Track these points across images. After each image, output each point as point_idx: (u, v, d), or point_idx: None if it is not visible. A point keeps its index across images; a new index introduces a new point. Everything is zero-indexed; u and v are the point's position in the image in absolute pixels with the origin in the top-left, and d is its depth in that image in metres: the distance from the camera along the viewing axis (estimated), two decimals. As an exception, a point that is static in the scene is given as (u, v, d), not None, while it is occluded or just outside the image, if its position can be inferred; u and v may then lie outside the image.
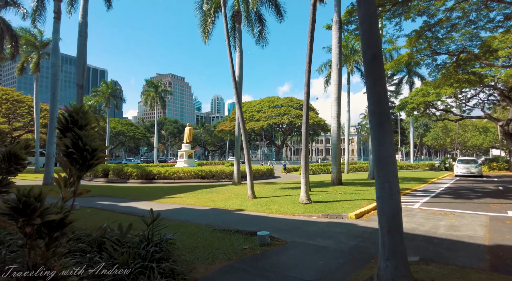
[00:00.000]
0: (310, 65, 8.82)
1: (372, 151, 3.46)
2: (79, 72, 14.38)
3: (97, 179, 23.99)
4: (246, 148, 10.60)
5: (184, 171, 22.98)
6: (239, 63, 17.47)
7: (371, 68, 3.34)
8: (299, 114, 67.15)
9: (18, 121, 35.90)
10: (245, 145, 10.65)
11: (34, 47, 33.23)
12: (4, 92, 37.02)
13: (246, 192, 11.13)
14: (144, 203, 10.87)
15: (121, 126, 66.99)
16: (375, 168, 3.36)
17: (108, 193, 13.70)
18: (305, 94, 8.86)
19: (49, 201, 1.95)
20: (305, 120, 8.93)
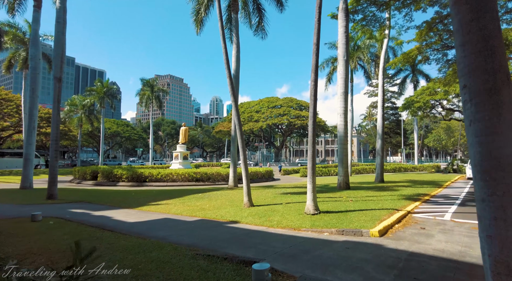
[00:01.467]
0: (318, 46, 7.31)
1: (473, 144, 1.88)
2: (57, 64, 12.84)
3: (85, 182, 22.47)
4: (242, 149, 9.08)
5: (177, 173, 21.49)
6: (235, 56, 15.98)
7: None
8: (299, 114, 65.68)
9: (5, 120, 34.26)
10: (240, 146, 9.13)
11: (22, 43, 31.60)
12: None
13: (242, 198, 9.60)
14: (124, 211, 9.32)
15: (116, 126, 65.33)
16: (477, 178, 1.85)
17: (88, 199, 12.17)
18: (312, 82, 7.35)
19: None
20: (312, 113, 7.41)
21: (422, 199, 10.18)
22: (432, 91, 28.26)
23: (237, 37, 15.85)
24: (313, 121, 7.42)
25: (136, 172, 21.33)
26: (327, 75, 31.31)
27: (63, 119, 42.06)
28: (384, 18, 17.65)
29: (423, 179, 20.55)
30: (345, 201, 9.74)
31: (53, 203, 11.10)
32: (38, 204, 10.86)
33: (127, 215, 8.63)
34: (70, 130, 42.69)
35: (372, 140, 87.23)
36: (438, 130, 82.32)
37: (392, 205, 8.76)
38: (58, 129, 12.79)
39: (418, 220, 7.08)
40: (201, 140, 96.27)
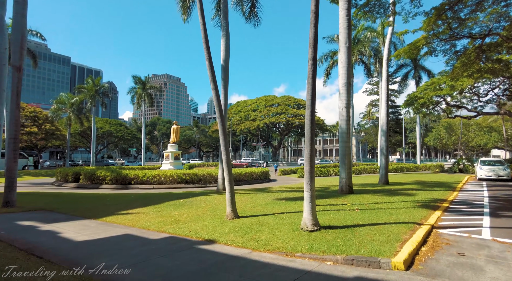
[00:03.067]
0: (317, 15, 5.63)
1: None
2: (15, 50, 11.12)
3: (67, 184, 20.76)
4: (224, 146, 7.43)
5: (165, 175, 19.81)
6: (224, 45, 14.30)
7: None
8: (297, 113, 64.11)
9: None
10: (222, 143, 7.48)
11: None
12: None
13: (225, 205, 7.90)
14: (82, 223, 7.64)
15: (109, 126, 63.43)
16: None
17: (52, 206, 10.47)
18: (310, 60, 5.69)
19: None
20: (310, 101, 5.73)
21: (441, 207, 8.52)
22: (437, 86, 26.68)
23: (227, 24, 14.17)
24: (311, 111, 5.75)
25: (120, 174, 19.61)
26: (325, 70, 29.74)
27: (50, 117, 40.21)
28: (389, 3, 16.05)
29: (431, 180, 18.93)
30: (350, 210, 8.07)
31: (6, 212, 9.37)
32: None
33: (82, 230, 6.95)
34: (59, 129, 40.82)
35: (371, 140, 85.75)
36: (439, 129, 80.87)
37: (409, 216, 7.10)
38: (18, 126, 11.06)
39: (449, 239, 5.42)
40: (197, 140, 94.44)
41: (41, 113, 38.66)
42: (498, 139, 67.45)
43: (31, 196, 13.65)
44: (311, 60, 5.69)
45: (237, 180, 21.47)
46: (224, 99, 14.19)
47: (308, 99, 5.79)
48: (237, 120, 67.21)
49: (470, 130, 72.74)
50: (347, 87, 12.17)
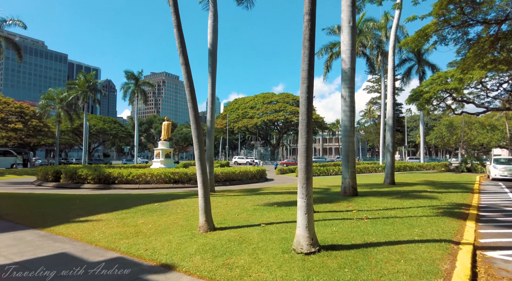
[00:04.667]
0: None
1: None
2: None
3: (46, 184, 19.17)
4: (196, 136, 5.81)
5: (152, 174, 18.19)
6: (212, 26, 12.64)
7: None
8: (296, 110, 62.47)
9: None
10: (194, 133, 5.85)
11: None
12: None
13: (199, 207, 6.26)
14: (17, 236, 6.01)
15: (102, 123, 61.63)
16: None
17: (6, 210, 8.87)
18: (307, 16, 4.08)
19: None
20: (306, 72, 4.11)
21: (470, 215, 6.88)
22: (444, 80, 25.06)
23: (215, 1, 12.50)
24: (307, 87, 4.12)
25: (103, 173, 18.01)
26: (325, 63, 28.07)
27: (38, 113, 38.47)
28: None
29: (440, 180, 17.31)
30: (357, 218, 6.44)
31: None
32: None
33: (10, 246, 5.32)
34: (47, 126, 39.09)
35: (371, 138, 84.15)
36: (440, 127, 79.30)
37: (436, 228, 5.47)
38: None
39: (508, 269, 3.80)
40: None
41: (28, 109, 36.95)
42: (501, 138, 65.87)
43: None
44: (307, 14, 4.05)
45: (230, 180, 19.90)
46: (212, 88, 12.55)
47: (304, 70, 4.15)
48: (235, 117, 65.56)
49: (472, 129, 71.12)
50: (351, 73, 10.53)
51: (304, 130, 4.18)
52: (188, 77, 5.81)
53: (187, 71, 5.81)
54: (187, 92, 5.82)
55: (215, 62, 12.69)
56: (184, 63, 5.82)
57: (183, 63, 5.82)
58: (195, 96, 5.90)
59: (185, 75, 5.80)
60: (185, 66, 5.82)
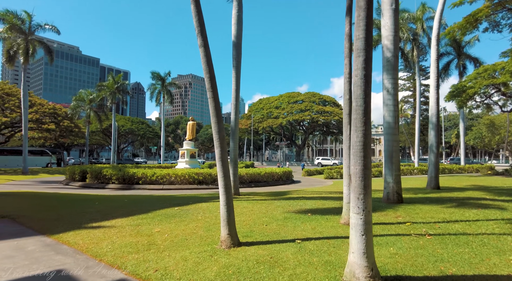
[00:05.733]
0: None
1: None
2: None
3: (73, 183, 19.28)
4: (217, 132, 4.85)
5: (176, 175, 17.71)
6: (236, 17, 11.73)
7: None
8: (322, 110, 60.53)
9: (5, 116, 32.08)
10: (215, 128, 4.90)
11: (21, 32, 29.08)
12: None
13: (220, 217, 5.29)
14: (19, 244, 5.35)
15: (130, 124, 63.07)
16: None
17: (24, 212, 8.44)
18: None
19: None
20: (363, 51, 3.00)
21: None
22: (492, 73, 22.59)
23: (239, -10, 11.59)
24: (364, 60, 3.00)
25: (127, 173, 17.77)
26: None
27: (69, 114, 39.73)
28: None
29: (494, 185, 15.27)
30: (416, 234, 5.17)
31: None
32: None
33: (6, 257, 4.64)
34: (78, 126, 40.29)
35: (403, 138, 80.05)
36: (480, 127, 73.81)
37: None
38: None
39: None
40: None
41: (61, 110, 38.20)
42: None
43: (13, 198, 11.84)
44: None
45: (255, 181, 18.97)
46: (236, 83, 11.63)
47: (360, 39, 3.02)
48: (259, 118, 64.64)
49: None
50: (395, 62, 9.17)
51: (360, 121, 3.07)
52: (208, 61, 4.85)
53: (206, 54, 4.86)
54: (207, 79, 4.86)
55: (240, 55, 11.77)
56: (203, 45, 4.88)
57: (201, 45, 4.88)
58: (216, 84, 4.93)
59: (204, 59, 4.84)
60: (204, 49, 4.87)
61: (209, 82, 4.85)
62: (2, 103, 32.56)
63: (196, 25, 4.89)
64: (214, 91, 4.86)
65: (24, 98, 29.35)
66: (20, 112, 31.98)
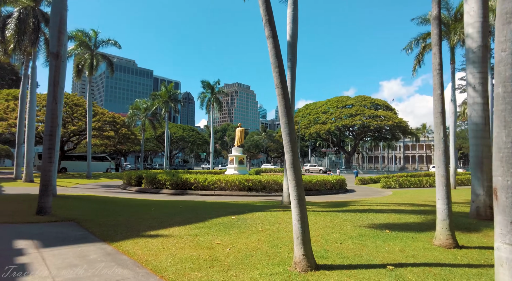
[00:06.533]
0: None
1: None
2: (53, 35, 9.73)
3: (130, 188, 20.15)
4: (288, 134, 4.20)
5: (226, 181, 17.61)
6: (291, 16, 11.16)
7: None
8: (375, 114, 57.20)
9: (73, 124, 35.18)
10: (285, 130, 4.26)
11: (88, 48, 31.86)
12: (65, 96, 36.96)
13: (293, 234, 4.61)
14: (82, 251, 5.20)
15: (182, 131, 65.83)
16: None
17: (85, 216, 8.63)
18: None
19: None
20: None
21: None
22: None
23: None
24: None
25: (180, 178, 18.12)
26: (416, 57, 24.13)
27: (127, 122, 42.54)
28: None
29: None
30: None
31: (30, 222, 7.69)
32: (4, 223, 7.55)
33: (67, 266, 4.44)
34: (134, 134, 42.96)
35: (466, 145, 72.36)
36: None
37: None
38: (55, 121, 9.58)
39: None
40: (265, 145, 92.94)
41: (119, 118, 41.03)
42: None
43: (79, 201, 12.42)
44: None
45: (306, 189, 18.00)
46: (291, 85, 10.98)
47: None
48: (306, 123, 63.15)
49: None
50: (483, 52, 7.77)
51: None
52: (277, 53, 4.26)
53: (275, 45, 4.27)
54: (276, 74, 4.25)
55: (295, 55, 11.14)
56: (271, 36, 4.30)
57: (269, 35, 4.30)
58: (286, 79, 4.30)
59: (273, 51, 4.25)
60: (273, 40, 4.29)
61: (279, 78, 4.24)
62: (71, 113, 35.73)
63: (264, 14, 4.35)
64: (283, 87, 4.23)
65: (89, 108, 31.90)
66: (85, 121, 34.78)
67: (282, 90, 4.21)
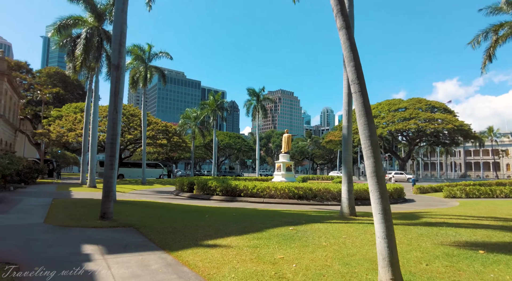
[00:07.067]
0: None
1: None
2: (115, 48, 10.28)
3: (182, 194, 20.75)
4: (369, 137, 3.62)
5: (275, 188, 17.24)
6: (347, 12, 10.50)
7: None
8: (431, 117, 52.89)
9: (130, 133, 37.66)
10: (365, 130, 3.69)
11: (142, 61, 34.07)
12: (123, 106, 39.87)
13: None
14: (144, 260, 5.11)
15: (228, 139, 67.25)
16: None
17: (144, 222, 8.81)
18: None
19: None
20: None
21: None
22: None
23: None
24: None
25: (230, 185, 18.20)
26: (485, 52, 21.58)
27: (178, 131, 44.54)
28: None
29: None
30: None
31: (95, 227, 8.02)
32: (72, 227, 7.95)
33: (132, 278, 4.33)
34: (185, 141, 44.77)
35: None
36: None
37: None
38: (115, 129, 10.04)
39: None
40: (310, 151, 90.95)
41: (171, 127, 43.11)
42: None
43: (136, 207, 12.89)
44: None
45: (361, 199, 16.83)
46: (348, 85, 10.25)
47: None
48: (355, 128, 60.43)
49: None
50: None
51: None
52: (351, 45, 3.77)
53: (349, 37, 3.78)
54: (351, 69, 3.75)
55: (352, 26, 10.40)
56: (344, 26, 3.83)
57: (342, 26, 3.83)
58: (363, 74, 3.77)
59: (347, 44, 3.77)
60: (346, 30, 3.81)
61: (355, 72, 3.72)
62: (128, 122, 38.31)
63: (335, 3, 3.91)
64: (361, 83, 3.70)
65: (143, 118, 33.91)
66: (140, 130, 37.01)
67: (360, 86, 3.69)
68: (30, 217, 9.40)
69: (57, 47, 24.94)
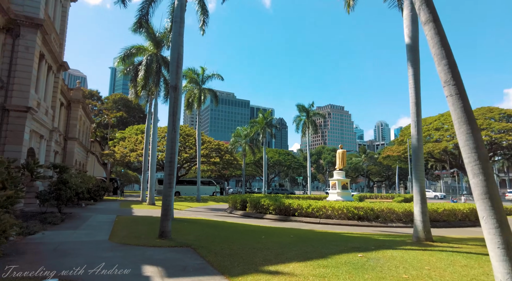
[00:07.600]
0: None
1: None
2: (173, 70, 10.71)
3: (236, 212, 20.72)
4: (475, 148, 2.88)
5: (332, 208, 16.23)
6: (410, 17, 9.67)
7: None
8: (507, 127, 46.64)
9: (186, 152, 39.39)
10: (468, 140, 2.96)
11: (196, 83, 35.91)
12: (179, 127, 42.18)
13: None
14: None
15: (278, 155, 66.82)
16: None
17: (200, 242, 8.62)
18: None
19: None
20: None
21: None
22: None
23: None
24: None
25: (283, 203, 17.63)
26: None
27: (229, 149, 45.52)
28: None
29: None
30: None
31: (154, 246, 8.06)
32: (133, 245, 8.08)
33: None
34: (236, 159, 45.47)
35: None
36: None
37: None
38: (174, 148, 10.27)
39: None
40: (365, 168, 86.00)
41: (223, 145, 44.22)
42: None
43: (192, 225, 12.91)
44: None
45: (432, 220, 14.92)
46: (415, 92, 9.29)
47: None
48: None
49: None
50: None
51: None
52: (442, 40, 3.14)
53: (438, 31, 3.17)
54: (444, 68, 3.11)
55: (418, 60, 9.45)
56: (431, 20, 3.23)
57: (428, 19, 3.25)
58: (459, 73, 3.09)
59: (436, 39, 3.15)
60: (434, 24, 3.20)
61: (449, 72, 3.08)
62: (184, 142, 40.17)
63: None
64: (458, 84, 3.03)
65: (198, 137, 35.25)
66: (195, 148, 38.49)
67: (457, 88, 3.02)
68: (97, 233, 9.86)
69: (122, 74, 27.44)
